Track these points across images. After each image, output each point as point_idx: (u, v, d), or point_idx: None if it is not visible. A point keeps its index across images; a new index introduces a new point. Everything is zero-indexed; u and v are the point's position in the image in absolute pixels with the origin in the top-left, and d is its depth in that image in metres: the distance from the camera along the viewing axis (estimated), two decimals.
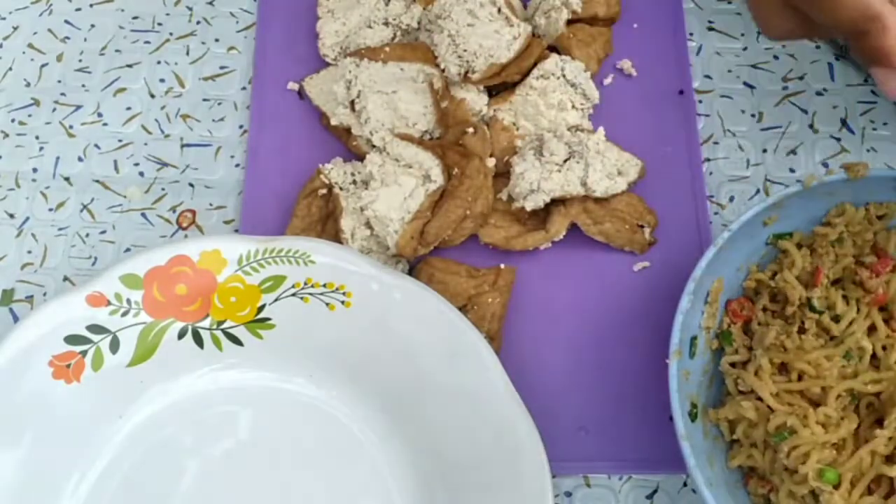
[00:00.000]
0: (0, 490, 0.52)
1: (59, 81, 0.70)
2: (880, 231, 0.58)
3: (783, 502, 0.52)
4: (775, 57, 0.70)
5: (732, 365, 0.56)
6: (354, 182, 0.63)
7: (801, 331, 0.55)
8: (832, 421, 0.52)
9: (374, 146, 0.63)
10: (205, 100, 0.69)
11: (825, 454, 0.51)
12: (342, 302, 0.56)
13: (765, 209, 0.56)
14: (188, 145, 0.68)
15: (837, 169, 0.57)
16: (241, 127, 0.68)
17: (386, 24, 0.67)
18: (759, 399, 0.53)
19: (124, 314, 0.56)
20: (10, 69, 0.71)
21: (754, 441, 0.53)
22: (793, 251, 0.57)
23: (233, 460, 0.57)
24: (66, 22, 0.73)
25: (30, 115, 0.69)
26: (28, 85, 0.70)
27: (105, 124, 0.69)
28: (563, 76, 0.64)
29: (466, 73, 0.62)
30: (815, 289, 0.55)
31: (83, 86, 0.70)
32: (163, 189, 0.66)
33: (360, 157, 0.64)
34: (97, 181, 0.67)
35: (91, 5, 0.73)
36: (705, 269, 0.54)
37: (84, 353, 0.55)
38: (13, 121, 0.69)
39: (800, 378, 0.53)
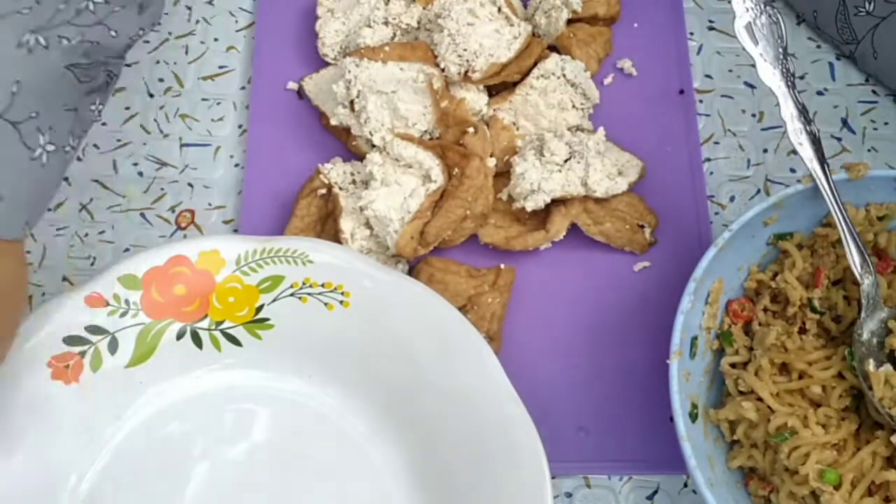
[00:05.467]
0: None
1: None
2: (881, 232, 0.57)
3: (783, 503, 0.52)
4: None
5: (733, 365, 0.55)
6: (354, 182, 0.63)
7: (802, 331, 0.55)
8: (833, 422, 0.52)
9: (374, 146, 0.63)
10: (204, 99, 0.69)
11: (826, 455, 0.51)
12: (341, 302, 0.56)
13: (765, 209, 0.55)
14: (187, 145, 0.68)
15: (838, 169, 0.57)
16: (240, 126, 0.68)
17: (386, 23, 0.66)
18: (760, 400, 0.53)
19: (123, 315, 0.55)
20: None
21: (755, 442, 0.53)
22: (793, 252, 0.57)
23: (231, 460, 0.56)
24: None
25: None
26: None
27: (104, 124, 0.68)
28: (564, 76, 0.64)
29: (466, 72, 0.62)
30: (815, 289, 0.55)
31: None
32: (162, 189, 0.66)
33: (360, 157, 0.64)
34: (96, 181, 0.67)
35: None
36: (706, 269, 0.54)
37: (83, 353, 0.55)
38: None
39: (800, 377, 0.53)
